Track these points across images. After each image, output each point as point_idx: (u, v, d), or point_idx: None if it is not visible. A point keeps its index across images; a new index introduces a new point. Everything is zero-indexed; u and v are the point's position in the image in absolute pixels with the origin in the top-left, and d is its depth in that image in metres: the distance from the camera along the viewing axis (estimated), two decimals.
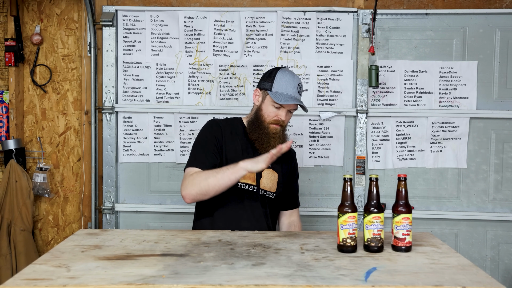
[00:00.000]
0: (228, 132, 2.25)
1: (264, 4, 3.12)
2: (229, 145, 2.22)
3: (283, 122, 2.21)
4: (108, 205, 3.13)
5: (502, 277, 3.08)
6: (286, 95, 2.17)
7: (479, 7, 3.04)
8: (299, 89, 2.22)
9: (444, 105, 3.08)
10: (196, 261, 1.59)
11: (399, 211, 1.72)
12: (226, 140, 2.23)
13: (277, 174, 2.28)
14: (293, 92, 2.18)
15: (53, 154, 3.20)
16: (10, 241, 3.05)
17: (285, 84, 2.19)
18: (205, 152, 2.19)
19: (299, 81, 2.23)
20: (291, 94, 2.17)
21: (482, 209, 3.10)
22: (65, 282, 1.39)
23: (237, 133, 2.27)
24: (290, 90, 2.18)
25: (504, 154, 3.08)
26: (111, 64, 3.11)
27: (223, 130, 2.24)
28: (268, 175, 2.25)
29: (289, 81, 2.19)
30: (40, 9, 3.17)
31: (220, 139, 2.22)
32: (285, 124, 2.24)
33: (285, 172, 2.33)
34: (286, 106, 2.19)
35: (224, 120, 2.33)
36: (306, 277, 1.44)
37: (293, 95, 2.18)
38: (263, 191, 2.24)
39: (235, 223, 2.16)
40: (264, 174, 2.24)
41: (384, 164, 3.11)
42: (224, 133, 2.24)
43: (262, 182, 2.24)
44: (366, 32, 3.04)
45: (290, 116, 2.26)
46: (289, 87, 2.18)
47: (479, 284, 1.40)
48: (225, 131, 2.25)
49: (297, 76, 2.25)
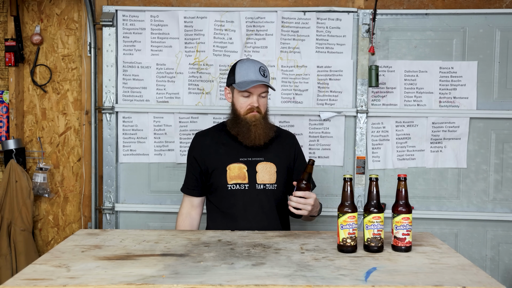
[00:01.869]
0: (208, 144, 2.32)
1: (264, 4, 3.12)
2: (212, 156, 2.28)
3: (259, 109, 2.22)
4: (108, 205, 3.13)
5: (502, 277, 3.08)
6: (248, 81, 2.19)
7: (479, 7, 3.04)
8: (263, 72, 2.22)
9: (444, 105, 3.08)
10: (196, 261, 1.59)
11: (399, 211, 1.72)
12: (206, 151, 2.29)
13: (273, 164, 2.27)
14: (255, 76, 2.19)
15: (53, 154, 3.20)
16: (10, 241, 3.05)
17: (245, 71, 2.21)
18: (189, 176, 2.35)
19: (260, 65, 2.24)
20: (253, 78, 2.19)
21: (482, 209, 3.09)
22: (65, 282, 1.39)
23: (220, 138, 2.31)
24: (252, 75, 2.19)
25: (504, 154, 3.08)
26: (111, 64, 3.11)
27: (202, 143, 2.32)
28: (264, 168, 2.25)
29: (248, 67, 2.22)
30: (40, 9, 3.17)
31: (198, 156, 2.31)
32: (263, 110, 2.25)
33: (283, 159, 2.31)
34: (253, 91, 2.20)
35: (208, 130, 2.41)
36: (306, 277, 1.44)
37: (256, 79, 2.19)
38: (262, 185, 2.24)
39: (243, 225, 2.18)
40: (259, 168, 2.25)
41: (384, 164, 3.11)
42: (203, 146, 2.31)
43: (258, 176, 2.23)
44: (366, 32, 3.04)
45: (265, 101, 2.26)
46: (250, 73, 2.20)
47: (479, 284, 1.41)
48: (204, 144, 2.32)
49: (259, 62, 2.27)
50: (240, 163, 2.24)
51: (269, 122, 2.30)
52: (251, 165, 2.25)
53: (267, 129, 2.24)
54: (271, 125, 2.30)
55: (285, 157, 2.33)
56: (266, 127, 2.23)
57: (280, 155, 2.30)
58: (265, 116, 2.26)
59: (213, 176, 2.26)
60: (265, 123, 2.24)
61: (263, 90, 2.23)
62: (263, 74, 2.22)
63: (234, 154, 2.26)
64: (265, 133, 2.23)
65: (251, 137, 2.21)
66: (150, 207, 3.15)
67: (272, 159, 2.27)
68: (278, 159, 2.28)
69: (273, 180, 2.25)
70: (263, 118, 2.24)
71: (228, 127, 2.30)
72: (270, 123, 2.29)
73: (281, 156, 2.31)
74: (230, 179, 2.23)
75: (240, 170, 2.23)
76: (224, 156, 2.26)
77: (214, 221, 2.29)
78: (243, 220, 2.20)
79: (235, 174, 2.23)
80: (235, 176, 2.23)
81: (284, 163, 2.31)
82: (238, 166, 2.24)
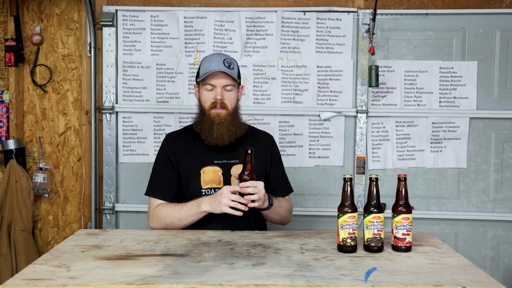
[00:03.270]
0: (182, 142, 2.20)
1: (264, 4, 3.12)
2: (184, 155, 2.16)
3: (223, 103, 2.09)
4: (108, 205, 3.13)
5: (502, 277, 3.08)
6: (208, 70, 2.08)
7: (479, 7, 3.04)
8: (227, 64, 2.09)
9: (444, 105, 3.09)
10: (196, 261, 1.59)
11: (399, 211, 1.72)
12: (180, 152, 2.17)
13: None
14: (217, 66, 2.07)
15: (53, 154, 3.20)
16: (10, 241, 3.05)
17: (207, 63, 2.11)
18: (160, 178, 2.17)
19: (225, 57, 2.13)
20: (214, 68, 2.07)
21: (482, 209, 3.10)
22: (65, 282, 1.39)
23: (192, 139, 2.20)
24: (214, 65, 2.07)
25: (504, 154, 3.08)
26: (111, 64, 3.11)
27: (175, 144, 2.19)
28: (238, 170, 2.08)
29: (211, 60, 2.11)
30: (40, 9, 3.17)
31: (173, 156, 2.17)
32: (230, 106, 2.11)
33: (260, 161, 2.15)
34: (215, 83, 2.08)
35: (181, 129, 2.29)
36: (306, 277, 1.44)
37: (217, 68, 2.06)
38: None
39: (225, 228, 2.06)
40: (234, 171, 2.12)
41: (384, 164, 3.11)
42: (176, 147, 2.19)
43: (233, 180, 2.10)
44: (366, 32, 3.05)
45: (232, 96, 2.13)
46: (212, 64, 2.08)
47: (479, 284, 1.41)
48: (178, 143, 2.20)
49: (225, 55, 2.16)
50: (215, 166, 2.13)
51: (239, 120, 2.15)
52: (226, 168, 2.12)
53: (234, 128, 2.10)
54: (240, 124, 2.16)
55: (263, 159, 2.21)
56: (232, 126, 2.09)
57: (257, 157, 2.11)
58: (232, 113, 2.11)
59: (186, 180, 2.14)
60: (232, 121, 2.10)
61: (227, 83, 2.10)
62: (228, 66, 2.09)
63: (207, 157, 2.14)
64: (230, 132, 2.10)
65: (213, 136, 2.08)
66: None
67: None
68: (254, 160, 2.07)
69: None
70: (230, 115, 2.10)
71: (193, 125, 2.19)
72: (239, 122, 2.15)
73: (258, 158, 2.13)
74: (204, 183, 2.11)
75: (215, 174, 2.12)
76: (197, 159, 2.14)
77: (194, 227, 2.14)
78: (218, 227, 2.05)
79: (209, 178, 2.10)
80: (209, 180, 2.11)
81: (261, 165, 2.17)
82: (213, 169, 2.12)
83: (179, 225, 2.07)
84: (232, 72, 2.11)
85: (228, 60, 2.13)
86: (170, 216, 2.07)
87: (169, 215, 2.07)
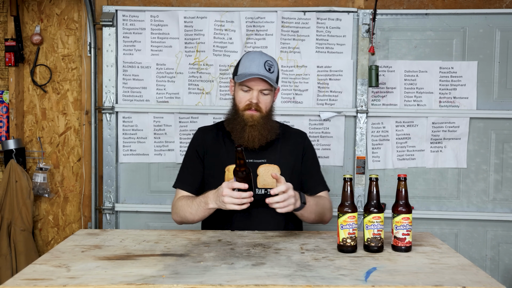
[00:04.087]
0: (211, 138, 2.18)
1: (264, 4, 3.12)
2: (211, 151, 2.14)
3: (258, 106, 2.04)
4: (108, 205, 3.13)
5: (502, 277, 3.08)
6: (248, 74, 2.02)
7: (479, 7, 3.04)
8: (268, 67, 2.04)
9: (444, 105, 3.08)
10: (196, 261, 1.59)
11: (399, 211, 1.72)
12: (208, 146, 2.15)
13: (277, 167, 2.10)
14: (257, 70, 2.01)
15: (53, 154, 3.20)
16: (10, 241, 3.05)
17: (248, 63, 2.05)
18: (187, 170, 2.17)
19: (267, 58, 2.06)
20: (254, 71, 2.01)
21: (482, 209, 3.10)
22: (65, 282, 1.39)
23: (221, 136, 2.17)
24: (254, 68, 2.02)
25: (504, 154, 3.08)
26: (111, 64, 3.11)
27: (205, 138, 2.18)
28: (266, 170, 2.08)
29: (252, 59, 2.05)
30: (40, 9, 3.17)
31: (201, 149, 2.16)
32: (265, 109, 2.07)
33: (290, 161, 2.12)
34: (253, 85, 2.03)
35: (212, 125, 2.28)
36: (306, 277, 1.44)
37: (256, 72, 2.01)
38: (264, 190, 2.06)
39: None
40: (261, 170, 2.08)
41: (384, 164, 3.11)
42: (206, 141, 2.17)
43: (260, 180, 2.07)
44: (366, 32, 3.04)
45: (268, 99, 2.08)
46: (252, 66, 2.03)
47: (479, 284, 1.41)
48: (208, 138, 2.18)
49: (268, 55, 2.10)
50: None
51: (271, 123, 2.11)
52: (252, 167, 2.03)
53: (265, 131, 2.06)
54: (272, 127, 2.11)
55: (292, 158, 2.15)
56: (264, 129, 2.05)
57: (286, 156, 2.12)
58: (266, 116, 2.07)
59: (210, 176, 2.13)
60: (265, 124, 2.06)
61: (265, 87, 2.05)
62: (268, 69, 2.03)
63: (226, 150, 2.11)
64: (261, 136, 2.06)
65: (244, 138, 2.04)
66: (150, 207, 3.15)
67: (276, 161, 2.10)
68: (284, 160, 2.11)
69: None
70: (263, 118, 2.06)
71: (225, 122, 2.15)
72: (271, 125, 2.10)
73: (288, 157, 2.12)
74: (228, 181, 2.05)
75: None
76: (224, 156, 2.11)
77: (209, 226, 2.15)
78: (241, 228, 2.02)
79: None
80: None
81: (290, 165, 2.13)
82: None
83: (192, 219, 2.05)
84: (272, 76, 2.05)
85: (270, 62, 2.07)
86: (183, 209, 2.07)
87: (183, 209, 2.07)
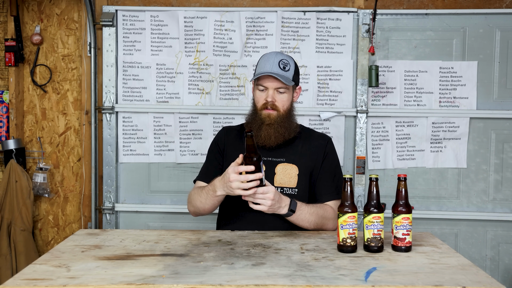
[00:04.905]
0: (233, 136, 2.21)
1: (264, 4, 3.12)
2: (231, 148, 2.16)
3: (274, 105, 2.06)
4: (108, 205, 3.13)
5: (502, 277, 3.08)
6: (261, 72, 2.05)
7: (479, 7, 3.04)
8: (283, 65, 2.05)
9: (444, 105, 3.08)
10: (196, 261, 1.59)
11: (399, 211, 1.72)
12: (229, 144, 2.18)
13: (295, 166, 2.08)
14: (270, 68, 2.04)
15: (53, 154, 3.20)
16: (10, 241, 3.05)
17: (263, 63, 2.08)
18: (207, 162, 2.22)
19: (282, 57, 2.07)
20: (267, 70, 2.04)
21: (482, 209, 3.09)
22: (65, 282, 1.39)
23: (240, 135, 2.20)
24: (267, 67, 2.05)
25: (504, 154, 3.08)
26: (111, 64, 3.11)
27: (228, 135, 2.21)
28: (283, 169, 2.08)
29: (267, 59, 2.08)
30: (40, 9, 3.17)
31: (222, 145, 2.19)
32: (282, 108, 2.07)
33: (308, 161, 2.11)
34: (268, 84, 2.05)
35: (237, 125, 2.29)
36: (306, 277, 1.44)
37: (270, 71, 2.03)
38: (280, 189, 2.04)
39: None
40: (279, 169, 2.07)
41: (384, 164, 3.11)
42: (228, 138, 2.20)
43: (276, 179, 2.06)
44: (366, 32, 3.04)
45: (285, 98, 2.08)
46: (266, 65, 2.05)
47: (479, 284, 1.40)
48: (230, 136, 2.21)
49: (284, 54, 2.12)
50: None
51: (291, 122, 2.11)
52: (270, 166, 2.06)
53: (282, 129, 2.06)
54: (291, 126, 2.11)
55: (311, 160, 2.12)
56: (281, 127, 2.06)
57: (306, 157, 2.10)
58: (284, 115, 2.07)
59: None
60: (281, 123, 2.06)
61: (279, 85, 2.05)
62: (283, 68, 2.04)
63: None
64: (278, 133, 2.06)
65: (261, 136, 2.05)
66: (150, 207, 3.15)
67: (294, 160, 2.09)
68: (302, 160, 2.09)
69: (293, 184, 2.06)
70: (281, 117, 2.06)
71: (245, 123, 2.19)
72: (290, 124, 2.10)
73: (307, 159, 2.10)
74: None
75: None
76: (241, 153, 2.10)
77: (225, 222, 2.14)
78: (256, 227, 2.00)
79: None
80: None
81: (309, 165, 2.11)
82: None
83: (204, 208, 2.06)
84: (287, 74, 2.06)
85: (285, 61, 2.07)
86: (195, 198, 2.08)
87: (194, 197, 2.09)
